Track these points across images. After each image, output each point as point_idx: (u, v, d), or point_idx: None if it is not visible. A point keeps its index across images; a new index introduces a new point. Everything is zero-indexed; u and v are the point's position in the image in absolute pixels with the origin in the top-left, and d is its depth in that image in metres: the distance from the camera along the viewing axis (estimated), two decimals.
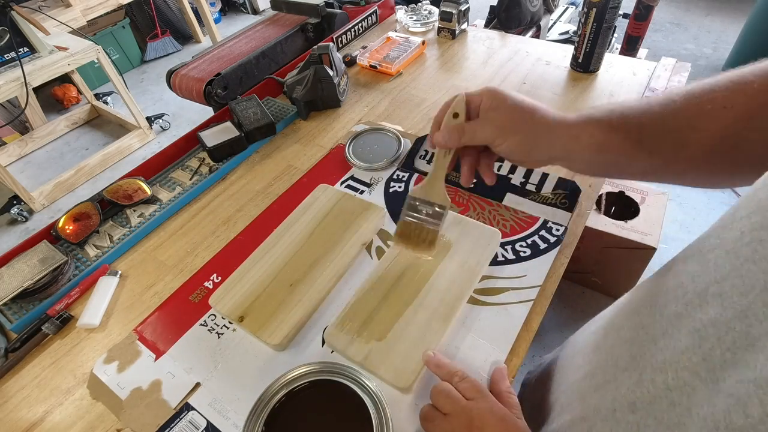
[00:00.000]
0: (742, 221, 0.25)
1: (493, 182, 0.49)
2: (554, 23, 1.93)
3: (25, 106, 1.89)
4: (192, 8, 3.06)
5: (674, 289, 0.29)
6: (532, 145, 0.41)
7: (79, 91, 2.65)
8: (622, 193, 1.45)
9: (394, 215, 0.70)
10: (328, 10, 1.14)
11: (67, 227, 0.73)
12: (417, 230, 0.53)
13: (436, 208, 0.50)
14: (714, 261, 0.26)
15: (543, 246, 0.63)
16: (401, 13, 1.21)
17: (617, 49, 1.85)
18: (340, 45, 1.13)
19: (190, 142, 0.89)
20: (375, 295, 0.57)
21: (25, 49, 1.83)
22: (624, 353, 0.33)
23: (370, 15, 1.19)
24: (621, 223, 1.34)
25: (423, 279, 0.57)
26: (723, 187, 0.29)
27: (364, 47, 1.09)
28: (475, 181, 0.73)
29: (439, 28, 1.12)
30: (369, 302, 0.56)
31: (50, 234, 0.73)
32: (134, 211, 0.77)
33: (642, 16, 1.66)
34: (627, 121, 0.38)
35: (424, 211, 0.51)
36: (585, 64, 0.93)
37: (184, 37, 3.29)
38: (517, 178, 0.72)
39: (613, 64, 0.96)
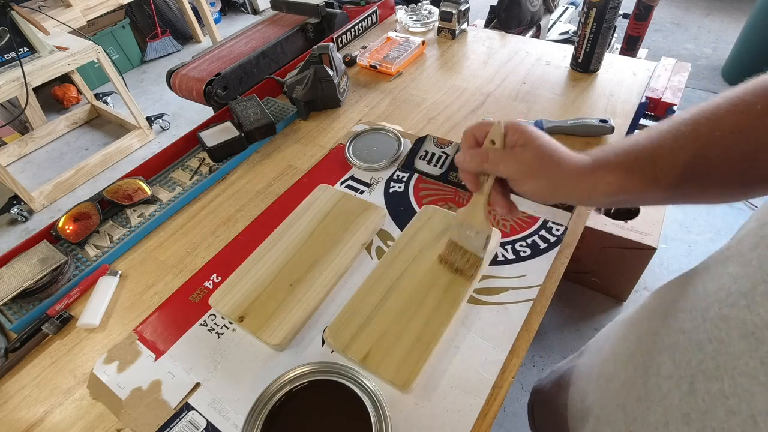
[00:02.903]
0: None
1: (507, 212, 0.46)
2: (554, 23, 1.93)
3: (25, 106, 1.89)
4: (192, 8, 3.06)
5: (715, 291, 0.28)
6: (553, 191, 0.41)
7: (79, 91, 2.65)
8: None
9: (394, 215, 0.70)
10: (328, 10, 1.14)
11: (67, 227, 0.73)
12: (461, 252, 0.53)
13: (477, 233, 0.49)
14: (757, 260, 0.25)
15: (543, 246, 0.63)
16: (401, 13, 1.21)
17: (617, 49, 1.85)
18: (340, 45, 1.13)
19: (190, 142, 0.89)
20: (374, 295, 0.57)
21: (25, 49, 1.83)
22: (666, 360, 0.31)
23: (370, 15, 1.19)
24: (621, 223, 1.34)
25: (423, 279, 0.57)
26: (736, 201, 0.29)
27: (364, 47, 1.09)
28: None
29: (439, 28, 1.12)
30: (368, 302, 0.56)
31: (50, 234, 0.73)
32: (134, 211, 0.77)
33: (642, 16, 1.66)
34: (640, 160, 0.38)
35: (467, 234, 0.50)
36: (585, 64, 0.93)
37: (184, 37, 3.29)
38: None
39: (613, 64, 0.96)
